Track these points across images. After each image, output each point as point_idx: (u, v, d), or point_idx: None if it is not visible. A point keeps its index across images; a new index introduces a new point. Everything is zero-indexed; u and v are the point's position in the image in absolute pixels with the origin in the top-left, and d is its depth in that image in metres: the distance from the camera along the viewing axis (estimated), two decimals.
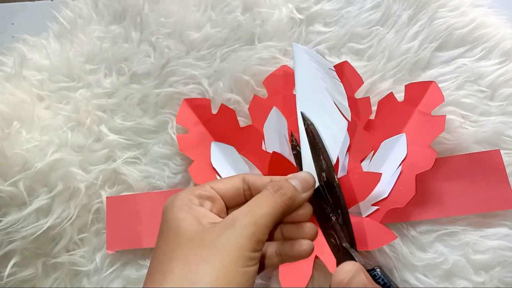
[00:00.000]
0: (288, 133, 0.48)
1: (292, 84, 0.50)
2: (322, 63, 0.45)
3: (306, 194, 0.32)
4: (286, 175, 0.43)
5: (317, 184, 0.35)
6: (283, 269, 0.43)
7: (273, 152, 0.44)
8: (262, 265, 0.32)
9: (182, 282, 0.26)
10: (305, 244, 0.32)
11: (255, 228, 0.28)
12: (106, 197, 0.49)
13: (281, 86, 0.50)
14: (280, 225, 0.33)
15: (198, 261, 0.27)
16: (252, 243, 0.27)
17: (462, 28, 0.51)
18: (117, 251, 0.48)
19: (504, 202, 0.45)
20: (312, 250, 0.32)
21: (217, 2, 0.54)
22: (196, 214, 0.29)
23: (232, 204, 0.33)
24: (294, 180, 0.32)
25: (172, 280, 0.26)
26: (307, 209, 0.33)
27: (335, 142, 0.38)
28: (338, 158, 0.46)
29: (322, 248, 0.44)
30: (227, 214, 0.30)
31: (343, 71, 0.49)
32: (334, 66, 0.50)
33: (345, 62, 0.49)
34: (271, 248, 0.33)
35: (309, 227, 0.32)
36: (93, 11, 0.55)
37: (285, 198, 0.30)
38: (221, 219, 0.30)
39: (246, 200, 0.32)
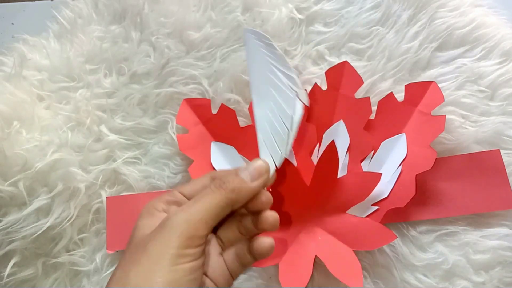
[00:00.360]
0: None
1: None
2: (268, 44, 0.44)
3: (257, 182, 0.31)
4: (286, 175, 0.43)
5: (273, 168, 0.34)
6: (283, 269, 0.43)
7: None
8: (234, 271, 0.32)
9: (116, 285, 0.27)
10: (265, 241, 0.31)
11: (186, 224, 0.28)
12: (106, 197, 0.49)
13: None
14: (237, 222, 0.33)
15: (130, 264, 0.27)
16: (182, 240, 0.27)
17: (462, 28, 0.51)
18: (117, 251, 0.48)
19: (504, 202, 0.45)
20: (273, 245, 0.32)
21: (217, 2, 0.54)
22: (155, 220, 0.30)
23: None
24: (243, 171, 0.32)
25: (110, 285, 0.28)
26: (264, 196, 0.32)
27: (286, 117, 0.37)
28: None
29: (322, 248, 0.44)
30: None
31: (343, 71, 0.49)
32: (334, 66, 0.50)
33: (345, 62, 0.49)
34: (232, 254, 0.32)
35: (270, 215, 0.32)
36: (93, 11, 0.55)
37: (227, 191, 0.30)
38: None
39: None
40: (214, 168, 0.48)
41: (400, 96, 0.49)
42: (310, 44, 0.53)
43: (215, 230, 0.33)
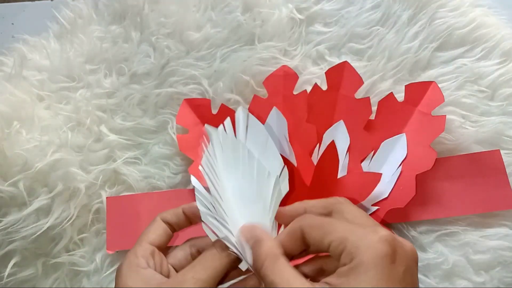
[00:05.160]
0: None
1: (292, 85, 0.50)
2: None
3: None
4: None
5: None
6: None
7: None
8: None
9: None
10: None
11: None
12: (106, 197, 0.49)
13: (281, 86, 0.50)
14: None
15: None
16: None
17: (462, 28, 0.51)
18: (117, 251, 0.48)
19: (504, 202, 0.45)
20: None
21: (217, 2, 0.54)
22: (144, 278, 0.31)
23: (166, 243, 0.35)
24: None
25: None
26: (252, 281, 0.33)
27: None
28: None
29: None
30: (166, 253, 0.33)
31: (343, 71, 0.49)
32: (334, 66, 0.50)
33: (345, 62, 0.49)
34: None
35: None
36: (93, 11, 0.55)
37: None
38: (166, 279, 0.32)
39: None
40: None
41: (400, 96, 0.49)
42: (310, 44, 0.53)
43: None
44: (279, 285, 0.28)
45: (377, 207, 0.46)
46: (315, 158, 0.48)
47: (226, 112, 0.49)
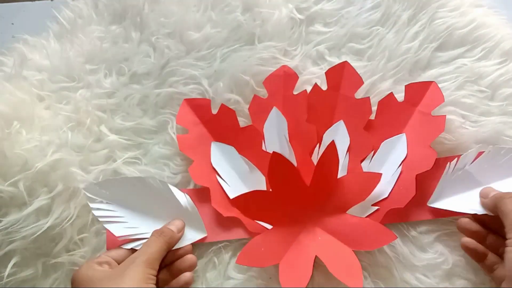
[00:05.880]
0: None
1: (292, 85, 0.50)
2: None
3: (181, 234, 0.46)
4: (286, 175, 0.43)
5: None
6: (283, 269, 0.43)
7: (273, 152, 0.44)
8: None
9: None
10: (186, 275, 0.44)
11: (149, 261, 0.41)
12: None
13: (281, 86, 0.50)
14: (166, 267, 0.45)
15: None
16: (148, 270, 0.40)
17: (462, 28, 0.51)
18: None
19: None
20: (192, 279, 0.45)
21: (217, 2, 0.54)
22: (100, 272, 0.41)
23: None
24: (172, 226, 0.45)
25: None
26: (189, 261, 0.45)
27: None
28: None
29: (322, 248, 0.44)
30: None
31: (343, 71, 0.49)
32: (334, 66, 0.50)
33: (345, 62, 0.49)
34: None
35: (189, 258, 0.45)
36: (93, 11, 0.55)
37: (167, 238, 0.44)
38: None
39: None
40: (214, 168, 0.48)
41: (400, 96, 0.49)
42: (310, 44, 0.53)
43: None
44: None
45: (377, 207, 0.46)
46: (315, 158, 0.48)
47: (226, 112, 0.49)
